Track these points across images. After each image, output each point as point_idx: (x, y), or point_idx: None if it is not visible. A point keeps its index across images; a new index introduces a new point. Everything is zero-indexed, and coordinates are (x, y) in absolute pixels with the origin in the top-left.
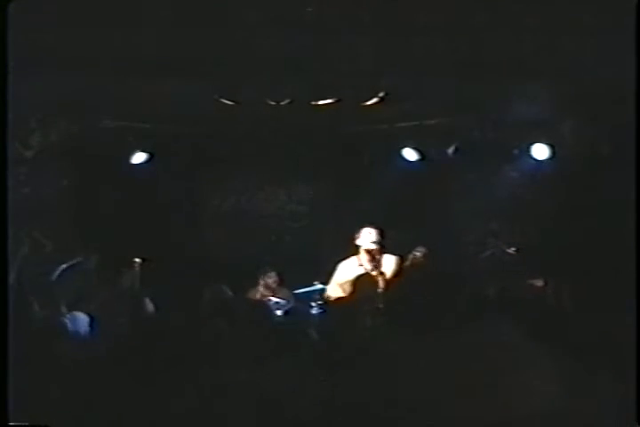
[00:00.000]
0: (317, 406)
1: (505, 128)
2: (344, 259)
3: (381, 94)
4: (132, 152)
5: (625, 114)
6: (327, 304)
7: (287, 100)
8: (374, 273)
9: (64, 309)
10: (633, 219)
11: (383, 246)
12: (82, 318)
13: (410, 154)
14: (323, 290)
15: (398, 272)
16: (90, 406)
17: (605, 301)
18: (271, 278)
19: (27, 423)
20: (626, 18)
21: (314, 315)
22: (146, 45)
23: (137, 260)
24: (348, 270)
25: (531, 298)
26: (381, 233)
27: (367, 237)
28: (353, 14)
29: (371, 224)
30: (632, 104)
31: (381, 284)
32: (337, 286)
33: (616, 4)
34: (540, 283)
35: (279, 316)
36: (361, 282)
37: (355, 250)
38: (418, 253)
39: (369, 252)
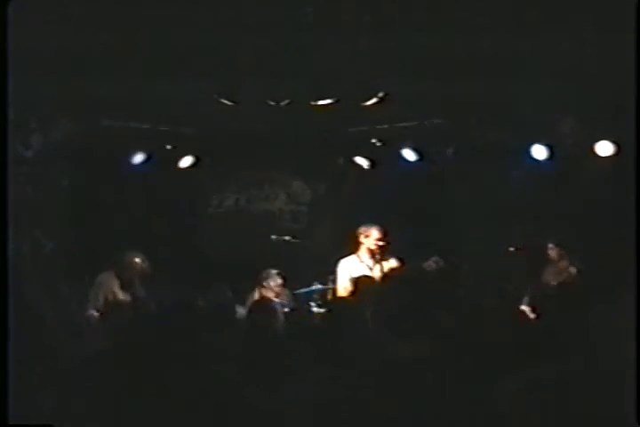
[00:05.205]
0: (316, 406)
1: (505, 128)
2: (344, 257)
3: (381, 94)
4: (132, 152)
5: (625, 114)
6: (327, 304)
7: (287, 101)
8: (375, 271)
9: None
10: (633, 219)
11: (383, 246)
12: None
13: (410, 154)
14: (322, 290)
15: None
16: (90, 406)
17: (605, 300)
18: (271, 279)
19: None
20: (626, 18)
21: (314, 315)
22: (146, 45)
23: (137, 260)
24: (350, 268)
25: (531, 298)
26: (385, 232)
27: (371, 236)
28: (353, 14)
29: (375, 223)
30: (632, 104)
31: (381, 283)
32: (347, 283)
33: (616, 3)
34: (573, 270)
35: (280, 316)
36: (361, 281)
37: (355, 248)
38: (433, 264)
39: (372, 251)
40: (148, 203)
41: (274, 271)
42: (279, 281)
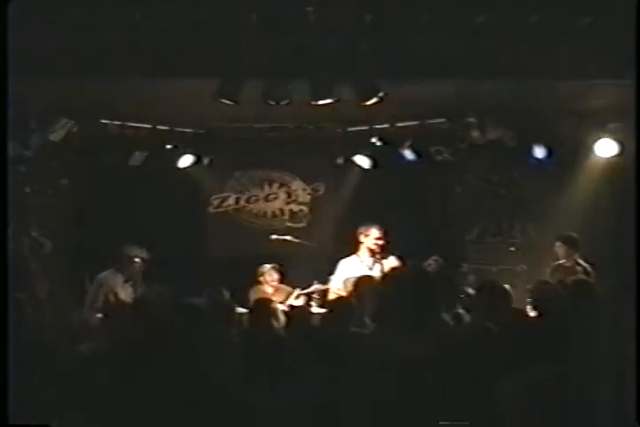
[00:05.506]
0: (316, 406)
1: (504, 128)
2: (344, 257)
3: (381, 94)
4: (132, 152)
5: (625, 114)
6: (327, 304)
7: (287, 100)
8: (375, 271)
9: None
10: (633, 219)
11: (383, 246)
12: None
13: (410, 154)
14: (322, 290)
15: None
16: (90, 406)
17: (605, 299)
18: (267, 274)
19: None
20: (626, 18)
21: (314, 315)
22: (146, 45)
23: (137, 259)
24: (349, 268)
25: (532, 297)
26: (384, 232)
27: (371, 236)
28: (353, 14)
29: (375, 223)
30: (632, 104)
31: (381, 283)
32: (342, 283)
33: (616, 3)
34: (579, 269)
35: (280, 316)
36: (361, 281)
37: (355, 248)
38: (433, 263)
39: (371, 250)
40: (147, 203)
41: (268, 266)
42: (275, 276)
